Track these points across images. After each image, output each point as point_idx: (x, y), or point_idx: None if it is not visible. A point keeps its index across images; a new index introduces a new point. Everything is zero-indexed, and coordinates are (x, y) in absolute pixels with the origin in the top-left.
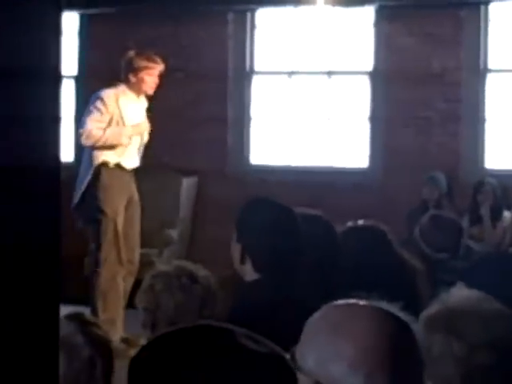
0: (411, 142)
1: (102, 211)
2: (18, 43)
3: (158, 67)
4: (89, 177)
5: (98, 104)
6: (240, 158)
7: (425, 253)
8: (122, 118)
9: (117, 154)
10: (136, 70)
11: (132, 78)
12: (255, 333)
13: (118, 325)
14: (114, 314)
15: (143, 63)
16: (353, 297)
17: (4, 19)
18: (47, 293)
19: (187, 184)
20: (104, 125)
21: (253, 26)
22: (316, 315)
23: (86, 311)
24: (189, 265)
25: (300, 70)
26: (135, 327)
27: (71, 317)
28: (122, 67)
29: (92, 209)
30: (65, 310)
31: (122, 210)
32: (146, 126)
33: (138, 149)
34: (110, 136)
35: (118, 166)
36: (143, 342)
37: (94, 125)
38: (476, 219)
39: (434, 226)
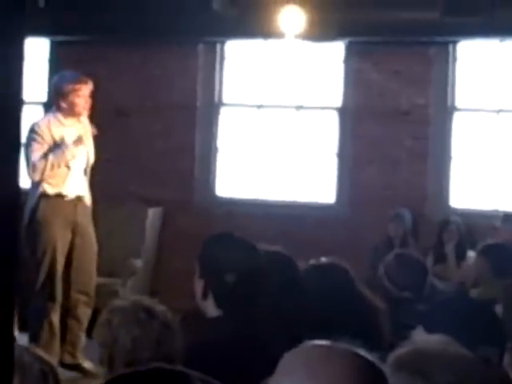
0: (378, 179)
1: (39, 242)
2: None
3: (87, 87)
4: (30, 210)
5: (33, 135)
6: (206, 190)
7: (388, 291)
8: (56, 141)
9: (56, 182)
10: (65, 95)
11: (63, 104)
12: (214, 370)
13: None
14: (48, 351)
15: (71, 86)
16: (316, 336)
17: None
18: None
19: (153, 214)
20: (44, 152)
21: (222, 58)
22: (292, 352)
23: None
24: (146, 299)
25: (269, 104)
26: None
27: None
28: (53, 93)
29: (32, 241)
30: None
31: (62, 242)
32: (86, 137)
33: (84, 171)
34: (53, 159)
35: (59, 195)
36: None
37: (36, 155)
38: (441, 257)
39: (399, 265)
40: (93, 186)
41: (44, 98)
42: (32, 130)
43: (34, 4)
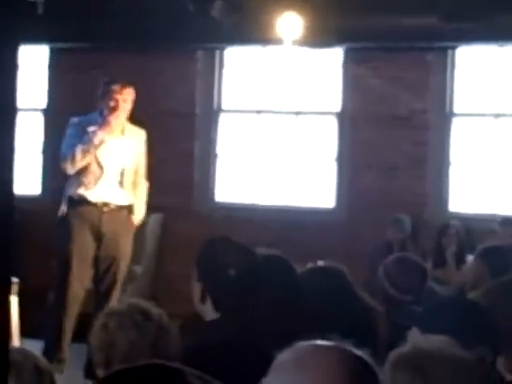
0: (377, 183)
1: (63, 248)
2: None
3: (128, 91)
4: (59, 214)
5: (67, 130)
6: (206, 195)
7: (387, 294)
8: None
9: (88, 181)
10: (105, 100)
11: (103, 108)
12: (211, 372)
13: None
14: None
15: (106, 88)
16: (313, 338)
17: None
18: None
19: (153, 220)
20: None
21: (221, 65)
22: (285, 352)
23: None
24: (142, 302)
25: (267, 109)
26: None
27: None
28: (98, 97)
29: (60, 246)
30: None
31: (86, 249)
32: (120, 170)
33: (120, 178)
34: (82, 145)
35: (86, 202)
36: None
37: (66, 145)
38: (440, 262)
39: (399, 268)
40: None
41: (43, 105)
42: (68, 126)
43: (32, 11)
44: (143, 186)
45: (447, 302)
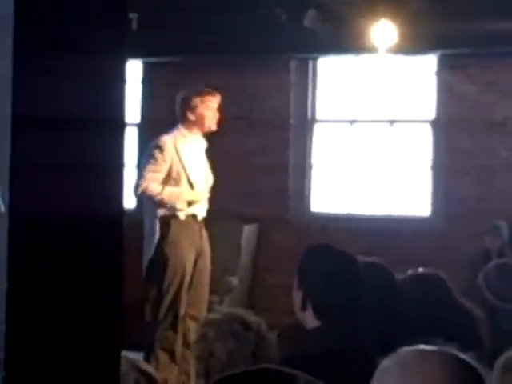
0: (473, 191)
1: (168, 266)
2: (85, 93)
3: (215, 99)
4: (157, 233)
5: (155, 152)
6: (301, 206)
7: (488, 301)
8: (181, 162)
9: (186, 205)
10: (194, 107)
11: (191, 117)
12: None
13: (170, 382)
14: (166, 374)
15: (200, 98)
16: (415, 343)
17: (72, 70)
18: (109, 339)
19: (248, 231)
20: (161, 175)
21: (315, 74)
22: (388, 358)
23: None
24: (239, 311)
25: (361, 119)
26: None
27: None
28: (177, 108)
29: (160, 264)
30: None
31: (190, 265)
32: (205, 195)
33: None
34: (166, 197)
35: (189, 216)
36: None
37: (152, 177)
38: None
39: (500, 275)
40: None
41: (137, 120)
42: (156, 146)
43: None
44: None
45: None
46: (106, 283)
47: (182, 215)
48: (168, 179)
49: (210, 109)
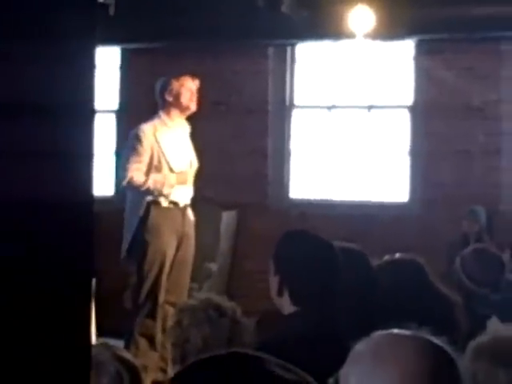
0: (450, 175)
1: (148, 252)
2: (52, 79)
3: (193, 81)
4: (137, 219)
5: (135, 143)
6: (280, 192)
7: (464, 285)
8: (162, 152)
9: (169, 191)
10: (171, 90)
11: (168, 97)
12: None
13: (149, 369)
14: (145, 361)
15: (176, 80)
16: (390, 327)
17: (38, 55)
18: (79, 329)
19: (227, 217)
20: (144, 165)
21: (293, 60)
22: (361, 342)
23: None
24: (214, 297)
25: (340, 104)
26: None
27: (100, 344)
28: (156, 94)
29: (140, 250)
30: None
31: (171, 252)
32: (191, 174)
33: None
34: (151, 184)
35: (171, 202)
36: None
37: (135, 168)
38: None
39: (477, 260)
40: None
41: (115, 106)
42: (135, 136)
43: (103, 13)
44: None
45: None
46: (76, 271)
47: (163, 202)
48: (150, 167)
49: (186, 88)
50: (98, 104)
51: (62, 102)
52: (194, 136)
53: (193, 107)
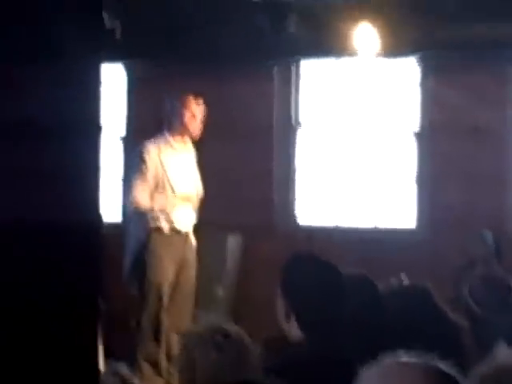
0: (458, 199)
1: (148, 280)
2: (58, 98)
3: (199, 106)
4: (139, 243)
5: (140, 162)
6: (286, 215)
7: (472, 310)
8: (166, 173)
9: (172, 217)
10: (177, 113)
11: (174, 120)
12: None
13: None
14: None
15: (184, 104)
16: (398, 353)
17: (44, 74)
18: (86, 349)
19: (232, 241)
20: (148, 186)
21: (297, 79)
22: (369, 368)
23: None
24: (220, 322)
25: (345, 124)
26: None
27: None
28: (162, 115)
29: (140, 275)
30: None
31: (169, 278)
32: (195, 196)
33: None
34: (156, 205)
35: (173, 229)
36: None
37: (140, 189)
38: None
39: (484, 286)
40: None
41: (123, 133)
42: (139, 156)
43: (110, 36)
44: None
45: None
46: (83, 290)
47: (165, 228)
48: (154, 187)
49: (192, 112)
50: (104, 129)
51: (69, 121)
52: (198, 159)
53: (198, 131)
